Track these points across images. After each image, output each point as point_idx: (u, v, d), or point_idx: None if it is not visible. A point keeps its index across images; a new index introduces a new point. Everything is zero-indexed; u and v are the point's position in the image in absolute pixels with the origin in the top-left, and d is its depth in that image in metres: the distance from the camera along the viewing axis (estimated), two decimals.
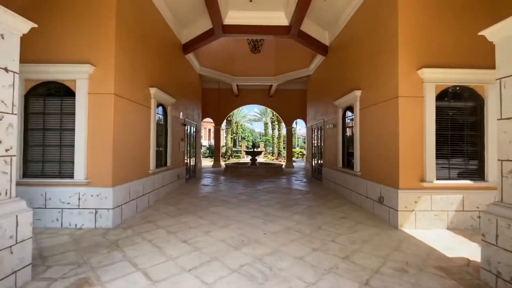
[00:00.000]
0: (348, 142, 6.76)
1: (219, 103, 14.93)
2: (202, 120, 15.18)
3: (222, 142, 28.87)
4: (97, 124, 4.21)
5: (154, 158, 5.82)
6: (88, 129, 4.20)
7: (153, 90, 5.70)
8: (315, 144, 9.96)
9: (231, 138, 23.50)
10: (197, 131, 10.53)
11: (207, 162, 18.16)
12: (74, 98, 4.20)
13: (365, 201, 5.37)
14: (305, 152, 25.91)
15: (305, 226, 4.26)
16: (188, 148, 9.37)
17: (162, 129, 6.63)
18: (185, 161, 8.85)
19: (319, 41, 7.96)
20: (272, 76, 11.94)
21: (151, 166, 5.73)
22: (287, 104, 15.10)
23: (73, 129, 4.18)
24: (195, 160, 10.20)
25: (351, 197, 6.13)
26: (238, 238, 3.73)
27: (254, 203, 5.80)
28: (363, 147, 5.66)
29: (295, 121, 15.34)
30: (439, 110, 4.31)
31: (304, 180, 9.80)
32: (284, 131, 24.58)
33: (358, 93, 5.78)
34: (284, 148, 25.33)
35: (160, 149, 6.62)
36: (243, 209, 5.28)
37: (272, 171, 11.68)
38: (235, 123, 48.06)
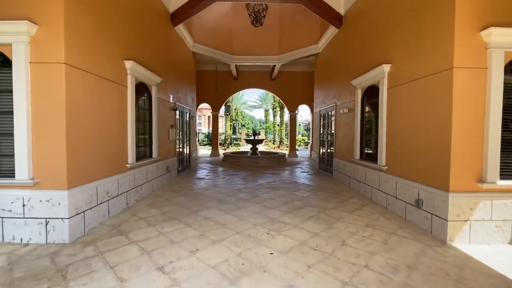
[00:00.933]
0: (368, 130, 5.66)
1: (216, 87, 13.70)
2: (198, 106, 14.03)
3: (221, 129, 27.78)
4: (44, 104, 3.10)
5: (133, 149, 4.75)
6: (32, 111, 3.09)
7: (129, 64, 4.53)
8: (324, 132, 8.86)
9: (231, 125, 22.33)
10: (192, 117, 9.40)
11: (205, 151, 17.12)
12: (11, 69, 3.06)
13: (394, 203, 4.34)
14: (308, 140, 24.72)
15: (323, 240, 3.24)
16: (181, 136, 8.28)
17: (145, 114, 5.52)
18: (177, 151, 7.79)
19: (332, 8, 6.68)
20: (275, 55, 10.65)
21: (130, 159, 4.67)
22: (290, 88, 13.86)
23: (12, 112, 3.08)
24: (189, 149, 9.14)
25: (372, 196, 5.10)
26: (236, 262, 2.72)
27: (256, 204, 4.78)
28: (391, 136, 4.56)
29: (299, 107, 14.16)
30: (508, 87, 3.18)
31: (311, 172, 8.77)
32: (286, 117, 23.40)
33: (386, 67, 4.62)
34: (286, 135, 24.25)
35: (144, 137, 5.53)
36: (242, 213, 4.26)
37: (275, 161, 10.64)
38: (235, 109, 46.90)
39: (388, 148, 4.65)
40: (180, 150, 8.21)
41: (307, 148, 21.21)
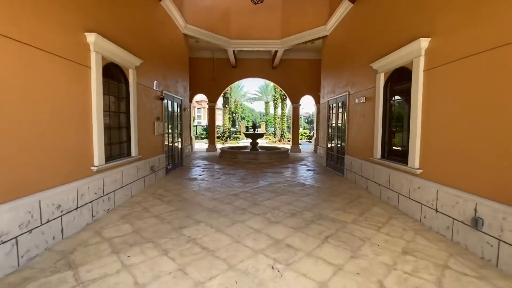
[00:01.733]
0: (394, 123, 4.66)
1: (213, 76, 12.62)
2: (193, 97, 12.98)
3: (219, 122, 26.82)
4: None
5: (101, 147, 3.76)
6: None
7: (91, 37, 3.49)
8: (333, 125, 7.85)
9: (229, 117, 21.27)
10: (184, 108, 8.37)
11: (203, 145, 16.13)
12: None
13: (434, 217, 3.38)
14: (310, 134, 23.63)
15: (352, 281, 2.29)
16: (171, 130, 7.28)
17: (119, 103, 4.50)
18: (166, 146, 6.81)
19: None
20: (277, 39, 9.53)
21: (97, 159, 3.68)
22: (293, 78, 12.78)
23: None
24: (181, 144, 8.15)
25: (400, 205, 4.14)
26: None
27: (256, 216, 3.82)
28: (429, 131, 3.57)
29: (302, 98, 13.10)
30: None
31: (318, 170, 7.81)
32: (288, 109, 22.36)
33: (424, 42, 3.59)
34: (288, 129, 23.25)
35: (119, 132, 4.54)
36: (238, 231, 3.30)
37: (277, 157, 9.67)
38: (234, 101, 45.65)
39: (424, 146, 3.66)
40: (170, 145, 7.22)
41: (310, 142, 20.24)
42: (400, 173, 4.17)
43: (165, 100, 6.64)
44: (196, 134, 25.44)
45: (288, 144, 18.93)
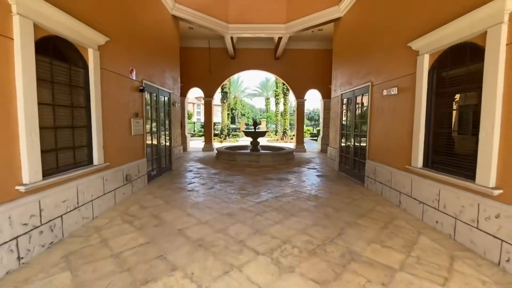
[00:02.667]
0: (445, 121, 3.48)
1: (209, 68, 11.41)
2: (188, 91, 11.80)
3: (217, 119, 25.69)
4: None
5: (34, 155, 2.59)
6: None
7: None
8: (348, 122, 6.66)
9: (228, 114, 20.04)
10: (173, 102, 7.18)
11: (200, 143, 14.95)
12: None
13: None
14: (314, 131, 22.25)
15: None
16: (156, 129, 6.11)
17: (72, 93, 3.31)
18: (149, 148, 5.65)
19: None
20: (282, 23, 8.30)
21: (27, 174, 2.51)
22: (298, 70, 11.56)
23: None
24: (170, 145, 6.99)
25: (457, 235, 2.98)
26: None
27: (261, 256, 2.66)
28: None
29: (307, 92, 11.89)
30: None
31: (330, 176, 6.66)
32: (290, 105, 21.15)
33: (510, 2, 2.40)
34: (290, 126, 22.09)
35: (72, 133, 3.36)
36: None
37: (281, 159, 8.50)
38: (234, 98, 44.33)
39: (506, 155, 2.49)
40: (155, 147, 6.05)
41: (314, 140, 19.05)
42: (458, 191, 3.00)
43: (147, 92, 5.46)
44: (194, 131, 24.27)
45: (291, 142, 17.76)
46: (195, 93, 28.23)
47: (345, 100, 6.83)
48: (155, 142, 6.02)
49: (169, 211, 3.88)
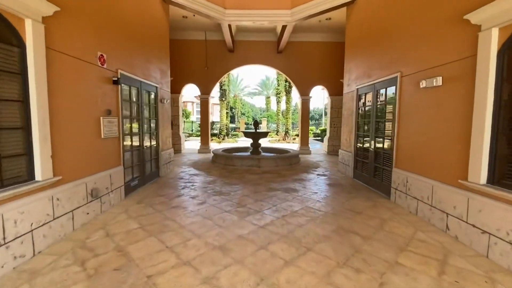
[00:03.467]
0: None
1: (206, 63, 10.42)
2: (183, 88, 10.81)
3: (215, 118, 24.74)
4: None
5: None
6: None
7: None
8: (364, 122, 5.67)
9: (227, 112, 19.04)
10: (162, 98, 6.19)
11: (198, 144, 13.95)
12: None
13: None
14: (317, 130, 21.12)
15: None
16: (139, 129, 5.12)
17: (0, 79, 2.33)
18: (129, 153, 4.66)
19: None
20: (286, 8, 7.30)
21: None
22: (303, 65, 10.57)
23: None
24: (157, 148, 6.00)
25: None
26: None
27: None
28: None
29: (312, 89, 10.89)
30: None
31: (343, 184, 5.68)
32: (294, 103, 20.18)
33: None
34: (293, 125, 21.14)
35: (4, 134, 2.38)
36: None
37: (285, 164, 7.50)
38: (234, 96, 43.32)
39: None
40: (137, 151, 5.06)
41: (319, 140, 18.05)
42: None
43: (125, 85, 4.46)
44: (192, 131, 23.29)
45: (293, 143, 16.78)
46: (194, 92, 27.26)
47: (362, 96, 5.84)
48: (137, 144, 5.03)
49: (141, 242, 2.89)
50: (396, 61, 4.41)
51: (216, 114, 28.90)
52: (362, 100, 5.83)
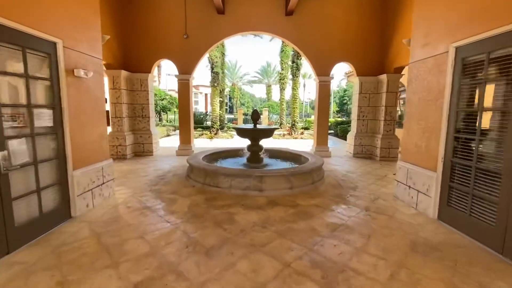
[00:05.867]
0: None
1: (185, 29, 7.41)
2: (154, 65, 7.79)
3: (204, 107, 21.49)
4: None
5: None
6: None
7: None
8: (472, 112, 2.71)
9: (221, 101, 15.99)
10: (73, 68, 3.20)
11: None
12: None
13: None
14: (341, 120, 16.97)
15: None
16: None
17: None
18: None
19: None
20: None
21: None
22: (322, 33, 7.55)
23: None
24: (63, 165, 3.07)
25: None
26: None
27: None
28: None
29: (334, 68, 7.86)
30: None
31: (430, 237, 2.79)
32: (305, 92, 17.07)
33: None
34: (305, 116, 18.06)
35: None
36: None
37: (303, 183, 4.49)
38: (232, 85, 40.05)
39: None
40: None
41: (332, 135, 15.05)
42: None
43: None
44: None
45: (302, 138, 13.80)
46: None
47: (472, 62, 2.84)
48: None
49: None
50: None
51: (201, 103, 25.68)
52: (475, 71, 2.83)
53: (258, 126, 5.66)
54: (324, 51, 7.64)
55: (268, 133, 5.71)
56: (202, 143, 11.17)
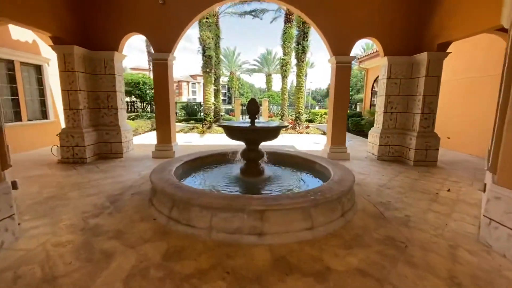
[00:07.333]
0: None
1: None
2: (122, 39, 6.01)
3: (202, 99, 19.46)
4: None
5: None
6: None
7: None
8: None
9: (215, 89, 14.16)
10: None
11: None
12: None
13: None
14: (354, 112, 14.52)
15: None
16: None
17: None
18: None
19: None
20: None
21: None
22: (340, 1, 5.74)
23: None
24: None
25: None
26: None
27: None
28: None
29: (355, 45, 6.08)
30: None
31: None
32: (312, 79, 15.17)
33: None
34: (307, 107, 16.23)
35: None
36: None
37: (329, 217, 2.83)
38: (230, 74, 37.89)
39: None
40: None
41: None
42: None
43: None
44: (176, 114, 18.39)
45: (308, 133, 12.09)
46: (188, 69, 22.05)
47: None
48: None
49: None
50: None
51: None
52: None
53: (257, 123, 3.93)
54: (343, 22, 5.85)
55: (272, 133, 3.95)
56: (190, 140, 9.46)
